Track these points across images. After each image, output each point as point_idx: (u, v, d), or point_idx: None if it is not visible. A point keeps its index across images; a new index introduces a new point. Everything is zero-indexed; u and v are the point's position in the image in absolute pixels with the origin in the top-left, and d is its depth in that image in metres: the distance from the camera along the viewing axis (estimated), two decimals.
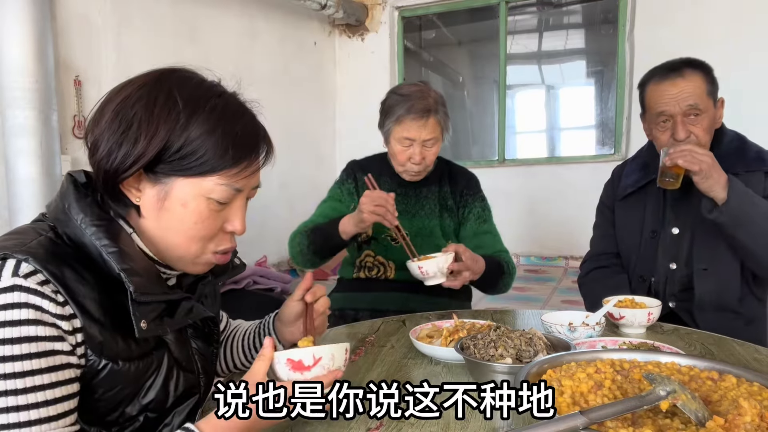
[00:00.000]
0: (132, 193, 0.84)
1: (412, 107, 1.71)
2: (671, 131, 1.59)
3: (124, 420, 0.84)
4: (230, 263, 1.02)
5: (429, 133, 1.74)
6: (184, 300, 0.89)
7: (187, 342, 0.95)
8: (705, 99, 1.56)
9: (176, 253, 0.87)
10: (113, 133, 0.81)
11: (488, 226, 1.91)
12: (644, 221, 1.73)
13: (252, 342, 1.17)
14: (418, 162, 1.77)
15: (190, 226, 0.84)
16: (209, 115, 0.83)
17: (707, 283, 1.62)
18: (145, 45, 3.75)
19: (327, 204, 1.91)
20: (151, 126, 0.80)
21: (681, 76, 1.57)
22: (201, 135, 0.81)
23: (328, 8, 5.21)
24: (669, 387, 0.76)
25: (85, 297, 0.78)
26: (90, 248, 0.80)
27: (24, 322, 0.72)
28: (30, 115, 2.89)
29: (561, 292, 4.50)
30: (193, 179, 0.82)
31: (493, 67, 5.86)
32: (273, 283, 4.11)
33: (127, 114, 0.81)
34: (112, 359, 0.80)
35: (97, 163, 0.82)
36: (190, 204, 0.83)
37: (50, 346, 0.73)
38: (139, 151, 0.80)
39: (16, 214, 2.95)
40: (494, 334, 1.13)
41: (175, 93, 0.82)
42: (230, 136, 0.83)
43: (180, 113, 0.81)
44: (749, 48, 4.48)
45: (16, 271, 0.74)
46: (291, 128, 5.27)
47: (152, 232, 0.86)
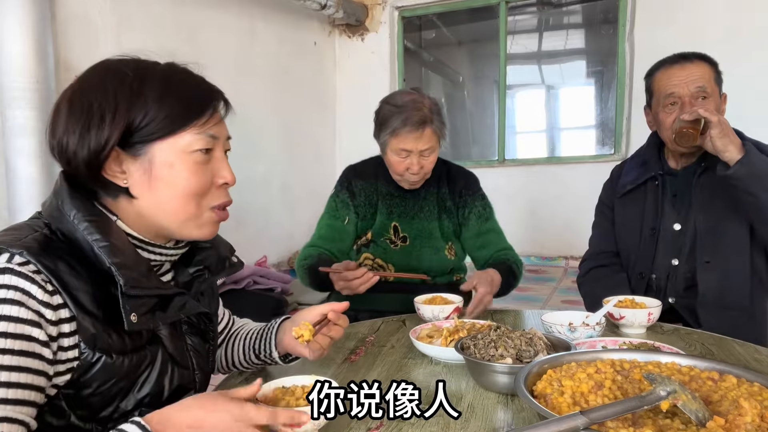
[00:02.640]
0: (117, 177, 0.85)
1: (407, 119, 1.69)
2: (679, 113, 1.60)
3: (119, 415, 0.84)
4: (227, 261, 1.02)
5: (425, 144, 1.73)
6: (177, 295, 0.89)
7: (182, 338, 0.96)
8: (713, 84, 1.62)
9: (178, 219, 0.88)
10: (76, 123, 0.83)
11: (491, 224, 1.90)
12: (643, 218, 1.74)
13: (251, 344, 1.17)
14: (416, 172, 1.77)
15: (184, 185, 0.87)
16: (161, 76, 0.86)
17: (711, 278, 1.62)
18: (145, 45, 3.69)
19: (324, 222, 1.90)
20: (111, 100, 0.82)
21: (690, 61, 1.63)
22: (160, 95, 0.84)
23: (328, 8, 5.20)
24: (669, 387, 0.76)
25: (79, 290, 0.79)
26: (82, 243, 0.81)
27: (7, 301, 0.73)
28: (30, 115, 2.89)
29: (561, 292, 4.50)
30: (169, 139, 0.85)
31: (493, 67, 5.85)
32: (273, 283, 4.11)
33: (83, 102, 0.83)
34: (106, 352, 0.81)
35: (73, 158, 0.84)
36: (176, 163, 0.86)
37: (27, 330, 0.74)
38: (108, 129, 0.82)
39: (16, 214, 2.95)
40: (494, 334, 1.13)
41: (121, 67, 0.86)
42: (188, 89, 0.88)
43: (132, 81, 0.84)
44: (749, 48, 4.48)
45: (10, 260, 0.76)
46: (291, 128, 5.27)
47: (149, 209, 0.87)
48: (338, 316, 1.09)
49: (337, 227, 1.87)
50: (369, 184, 1.90)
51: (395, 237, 1.87)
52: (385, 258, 1.88)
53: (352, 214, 1.88)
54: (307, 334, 1.04)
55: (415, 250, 1.79)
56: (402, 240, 1.88)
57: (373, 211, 1.89)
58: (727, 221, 1.60)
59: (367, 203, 1.89)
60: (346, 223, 1.86)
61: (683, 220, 1.68)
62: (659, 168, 1.73)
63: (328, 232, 1.87)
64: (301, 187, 5.30)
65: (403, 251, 1.87)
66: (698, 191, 1.65)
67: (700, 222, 1.64)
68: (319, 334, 1.08)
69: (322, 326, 1.08)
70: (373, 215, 1.88)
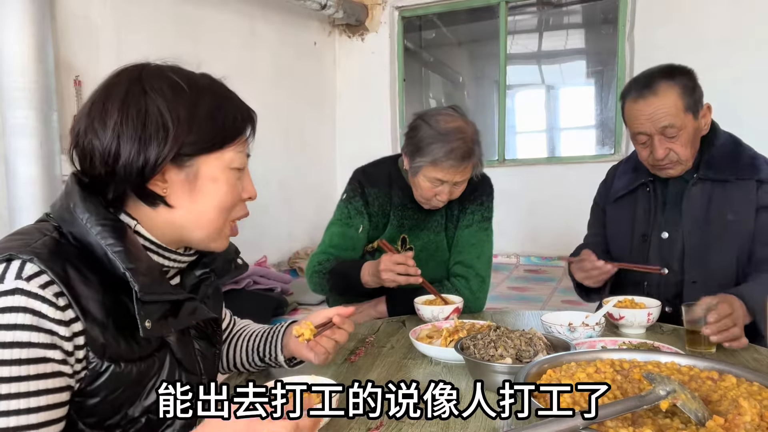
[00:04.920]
0: (158, 186, 0.84)
1: (452, 152, 1.57)
2: (650, 149, 1.57)
3: (126, 422, 0.84)
4: (233, 263, 1.02)
5: (462, 176, 1.64)
6: (187, 300, 0.89)
7: (190, 343, 0.95)
8: (681, 116, 1.52)
9: (208, 230, 0.89)
10: (133, 131, 0.80)
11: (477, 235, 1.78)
12: (634, 225, 1.71)
13: (256, 346, 1.17)
14: (445, 200, 1.68)
15: (222, 199, 0.88)
16: (209, 90, 0.86)
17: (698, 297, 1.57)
18: (145, 45, 3.74)
19: (336, 229, 1.80)
20: (173, 112, 0.81)
21: (655, 94, 1.53)
22: (211, 110, 0.84)
23: (328, 8, 5.20)
24: (669, 387, 0.76)
25: (88, 299, 0.77)
26: (95, 247, 0.80)
27: (19, 327, 0.71)
28: (30, 115, 2.89)
29: (561, 292, 4.50)
30: (215, 154, 0.86)
31: (493, 67, 5.85)
32: (273, 283, 4.11)
33: (139, 109, 0.80)
34: (114, 361, 0.80)
35: (119, 165, 0.81)
36: (220, 178, 0.87)
37: (42, 353, 0.73)
38: (171, 142, 0.81)
39: (16, 214, 2.95)
40: (494, 334, 1.14)
41: (173, 77, 0.84)
42: (233, 106, 0.88)
43: (188, 94, 0.83)
44: (749, 47, 4.48)
45: (19, 273, 0.74)
46: (291, 128, 5.27)
47: (184, 218, 0.87)
48: (343, 321, 1.09)
49: (350, 235, 1.78)
50: (383, 192, 1.80)
51: (401, 248, 1.81)
52: None
53: (366, 222, 1.79)
54: (307, 333, 1.04)
55: (420, 263, 1.73)
56: (407, 251, 1.80)
57: (386, 221, 1.81)
58: (715, 238, 1.57)
59: (380, 213, 1.80)
60: (360, 231, 1.78)
61: (671, 229, 1.64)
62: (651, 174, 1.68)
63: (341, 241, 1.78)
64: (301, 187, 5.30)
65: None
66: (688, 202, 1.61)
67: (687, 233, 1.61)
68: (323, 337, 1.07)
69: (325, 328, 1.08)
70: (385, 225, 1.81)
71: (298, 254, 5.16)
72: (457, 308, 1.53)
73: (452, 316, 1.51)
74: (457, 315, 1.52)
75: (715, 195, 1.58)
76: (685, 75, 1.57)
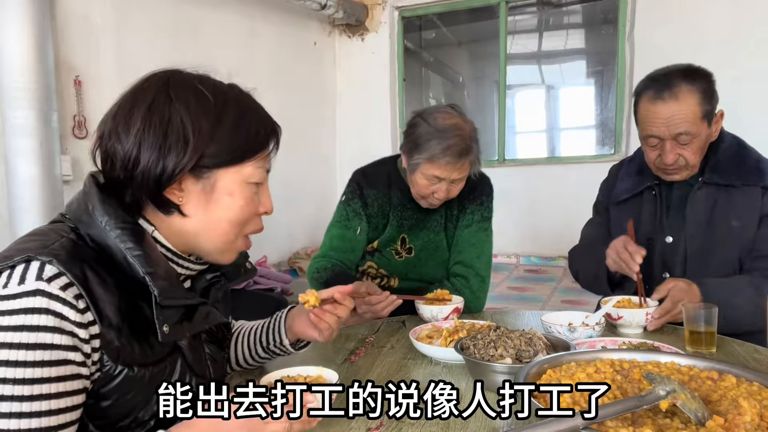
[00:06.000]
0: (174, 194, 0.84)
1: (449, 148, 1.57)
2: (660, 152, 1.55)
3: (136, 425, 0.84)
4: (242, 267, 1.02)
5: (460, 174, 1.64)
6: (201, 305, 0.89)
7: (201, 347, 0.96)
8: (698, 124, 1.49)
9: (219, 242, 0.88)
10: (155, 138, 0.80)
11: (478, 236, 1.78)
12: (639, 228, 1.66)
13: (258, 338, 1.17)
14: (442, 198, 1.68)
15: (237, 213, 0.87)
16: (235, 102, 0.86)
17: None
18: (145, 45, 3.74)
19: (335, 231, 1.81)
20: (195, 123, 0.81)
21: (675, 98, 1.48)
22: (234, 124, 0.84)
23: (328, 8, 5.20)
24: (669, 387, 0.76)
25: (105, 302, 0.77)
26: (114, 251, 0.79)
27: (42, 329, 0.72)
28: (30, 115, 2.89)
29: (561, 292, 4.50)
30: (234, 167, 0.85)
31: (493, 67, 5.85)
32: (273, 283, 4.11)
33: (163, 117, 0.80)
34: (128, 365, 0.80)
35: (138, 172, 0.81)
36: (236, 192, 0.86)
37: (64, 355, 0.73)
38: (191, 153, 0.80)
39: (16, 214, 2.94)
40: (494, 334, 1.14)
41: (200, 87, 0.84)
42: (258, 120, 0.88)
43: (213, 106, 0.83)
44: (749, 48, 4.48)
45: (40, 275, 0.73)
46: (291, 128, 5.20)
47: (196, 229, 0.86)
48: (344, 297, 1.10)
49: (349, 237, 1.79)
50: (382, 193, 1.80)
51: (401, 248, 1.81)
52: (389, 269, 1.83)
53: (364, 224, 1.79)
54: (313, 299, 1.05)
55: (420, 263, 1.73)
56: (407, 251, 1.82)
57: (385, 222, 1.81)
58: (717, 243, 1.56)
59: (380, 213, 1.80)
60: (359, 233, 1.79)
61: (675, 233, 1.63)
62: (656, 177, 1.66)
63: (340, 243, 1.79)
64: (301, 187, 5.29)
65: (407, 262, 1.82)
66: (692, 206, 1.59)
67: (689, 238, 1.59)
68: (326, 312, 1.08)
69: (327, 302, 1.09)
70: (384, 226, 1.81)
71: (298, 254, 5.16)
72: (457, 308, 1.53)
73: (452, 316, 1.51)
74: (457, 315, 1.52)
75: (720, 200, 1.56)
76: (704, 79, 1.52)
